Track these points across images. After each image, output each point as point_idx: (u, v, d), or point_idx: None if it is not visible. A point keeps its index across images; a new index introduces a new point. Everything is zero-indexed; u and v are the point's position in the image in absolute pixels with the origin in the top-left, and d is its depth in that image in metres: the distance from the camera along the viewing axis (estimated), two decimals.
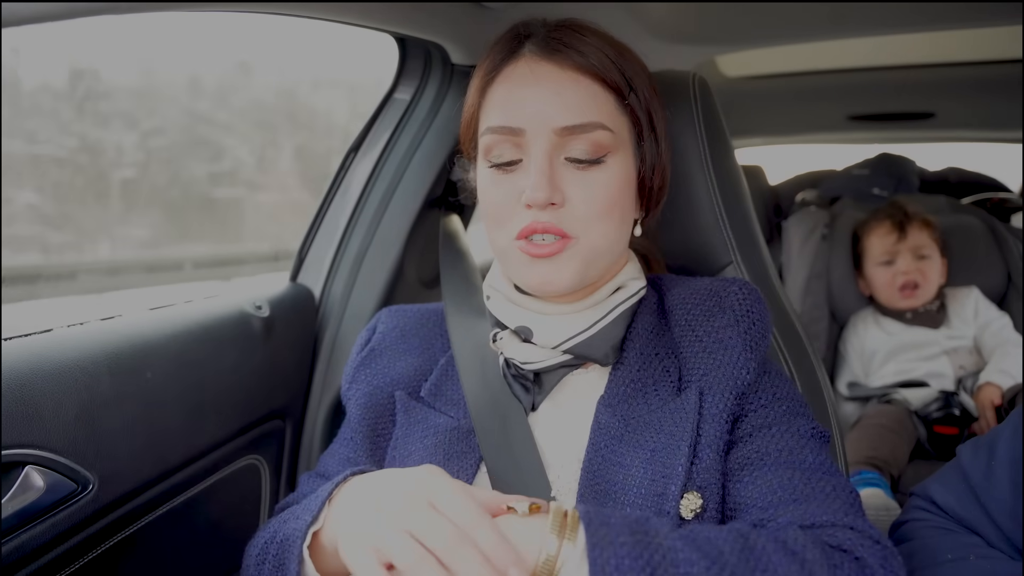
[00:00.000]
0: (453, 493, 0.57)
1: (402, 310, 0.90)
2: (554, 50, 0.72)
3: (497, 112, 0.73)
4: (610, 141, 0.71)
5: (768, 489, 0.65)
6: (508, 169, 0.72)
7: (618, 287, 0.78)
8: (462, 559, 0.52)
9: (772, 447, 0.68)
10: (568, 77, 0.71)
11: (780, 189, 2.40)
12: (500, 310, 0.78)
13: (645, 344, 0.76)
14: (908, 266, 1.88)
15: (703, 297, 0.77)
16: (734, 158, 1.00)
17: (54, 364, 0.78)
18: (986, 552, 0.69)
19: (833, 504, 0.63)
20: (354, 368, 0.85)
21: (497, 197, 0.72)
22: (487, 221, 0.75)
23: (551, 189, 0.68)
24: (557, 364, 0.75)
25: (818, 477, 0.66)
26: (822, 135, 2.64)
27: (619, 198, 0.72)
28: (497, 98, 0.74)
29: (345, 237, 1.24)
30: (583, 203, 0.70)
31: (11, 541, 0.72)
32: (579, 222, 0.70)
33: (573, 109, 0.70)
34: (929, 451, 1.70)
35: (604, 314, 0.75)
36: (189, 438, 0.95)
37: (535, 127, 0.70)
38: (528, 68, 0.72)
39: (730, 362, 0.72)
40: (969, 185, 2.32)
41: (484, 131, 0.73)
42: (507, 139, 0.71)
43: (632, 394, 0.73)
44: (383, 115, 1.26)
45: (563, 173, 0.71)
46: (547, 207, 0.69)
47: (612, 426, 0.71)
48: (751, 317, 0.74)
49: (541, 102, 0.70)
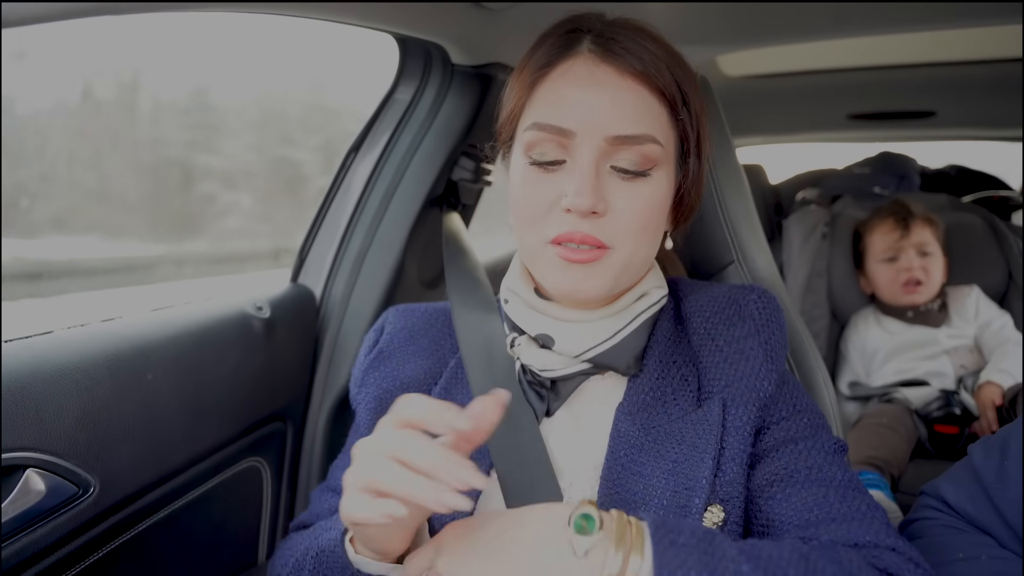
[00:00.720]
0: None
1: (409, 309, 0.88)
2: (615, 53, 0.69)
3: (547, 109, 0.69)
4: (658, 155, 0.68)
5: (804, 507, 0.65)
6: (550, 169, 0.69)
7: (641, 295, 0.76)
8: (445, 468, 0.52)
9: (802, 464, 0.68)
10: (626, 85, 0.68)
11: (781, 188, 2.39)
12: (519, 315, 0.76)
13: (664, 352, 0.75)
14: (911, 262, 1.87)
15: (722, 305, 0.76)
16: (735, 157, 1.00)
17: (55, 366, 0.78)
18: (998, 552, 0.69)
19: (873, 525, 0.63)
20: (363, 371, 0.83)
21: (535, 196, 0.69)
22: (518, 219, 0.72)
23: (595, 198, 0.66)
24: (576, 372, 0.74)
25: (852, 495, 0.65)
26: (823, 134, 2.64)
27: (659, 212, 0.71)
28: (548, 95, 0.70)
29: (346, 237, 1.24)
30: (625, 215, 0.68)
31: (12, 544, 0.71)
32: (617, 234, 0.68)
33: (628, 118, 0.67)
34: (930, 450, 1.70)
35: (627, 323, 0.74)
36: (190, 440, 0.94)
37: (586, 131, 0.67)
38: (587, 68, 0.69)
39: (751, 373, 0.71)
40: (970, 183, 2.32)
41: (530, 126, 0.70)
42: (554, 139, 0.68)
43: (652, 403, 0.72)
44: (383, 115, 1.25)
45: (607, 182, 0.68)
46: (588, 216, 0.67)
47: (632, 435, 0.70)
48: (771, 327, 0.74)
49: (596, 106, 0.67)
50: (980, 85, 2.15)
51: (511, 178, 0.74)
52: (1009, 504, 0.69)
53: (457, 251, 1.03)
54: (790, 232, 2.12)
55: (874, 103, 2.33)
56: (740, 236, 0.96)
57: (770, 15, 1.39)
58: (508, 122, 0.75)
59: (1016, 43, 1.85)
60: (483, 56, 1.21)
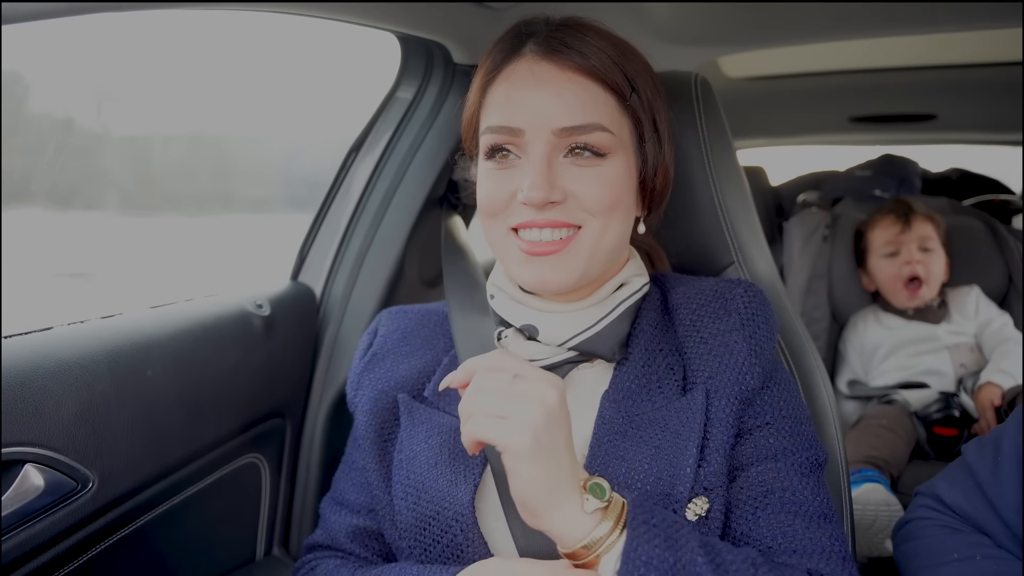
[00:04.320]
0: None
1: (402, 311, 0.90)
2: (555, 50, 0.72)
3: (497, 112, 0.73)
4: (609, 142, 0.71)
5: (770, 533, 0.68)
6: (507, 165, 0.73)
7: (621, 284, 0.78)
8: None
9: (777, 485, 0.70)
10: (568, 78, 0.71)
11: (782, 190, 2.40)
12: (504, 309, 0.78)
13: (649, 341, 0.77)
14: (912, 256, 1.87)
15: (708, 298, 0.77)
16: (736, 159, 1.00)
17: (54, 362, 0.78)
18: (993, 552, 0.69)
19: (831, 560, 0.67)
20: (358, 374, 0.85)
21: (492, 191, 0.73)
22: (482, 215, 0.76)
23: (549, 188, 0.69)
24: (562, 361, 0.76)
25: (818, 526, 0.68)
26: (824, 136, 2.64)
27: (621, 195, 0.73)
28: (497, 98, 0.74)
29: (346, 236, 1.24)
30: (586, 197, 0.70)
31: (11, 539, 0.72)
32: (583, 215, 0.71)
33: (573, 110, 0.70)
34: (928, 452, 1.70)
35: (609, 311, 0.76)
36: (189, 436, 0.95)
37: (534, 127, 0.70)
38: (528, 68, 0.72)
39: (735, 366, 0.72)
40: (971, 186, 2.32)
41: (484, 130, 0.74)
42: (506, 138, 0.72)
43: (637, 391, 0.73)
44: (385, 114, 1.25)
45: (563, 170, 0.71)
46: (546, 206, 0.69)
47: (616, 421, 0.72)
48: (756, 321, 0.74)
49: (540, 102, 0.70)
50: (981, 88, 2.15)
51: (478, 181, 0.77)
52: (1003, 499, 0.70)
53: (456, 251, 1.04)
54: (791, 234, 2.12)
55: (875, 106, 2.33)
56: (740, 237, 0.96)
57: (772, 17, 1.39)
58: (468, 127, 0.79)
59: (1017, 46, 1.85)
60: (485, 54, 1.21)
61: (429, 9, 1.05)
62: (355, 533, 0.81)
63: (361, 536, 0.81)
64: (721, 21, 1.43)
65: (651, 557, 0.58)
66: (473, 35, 1.16)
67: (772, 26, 1.44)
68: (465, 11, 1.11)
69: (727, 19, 1.41)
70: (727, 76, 2.23)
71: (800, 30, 1.45)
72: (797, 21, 1.40)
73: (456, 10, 1.09)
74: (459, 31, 1.14)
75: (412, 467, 0.75)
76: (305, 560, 0.83)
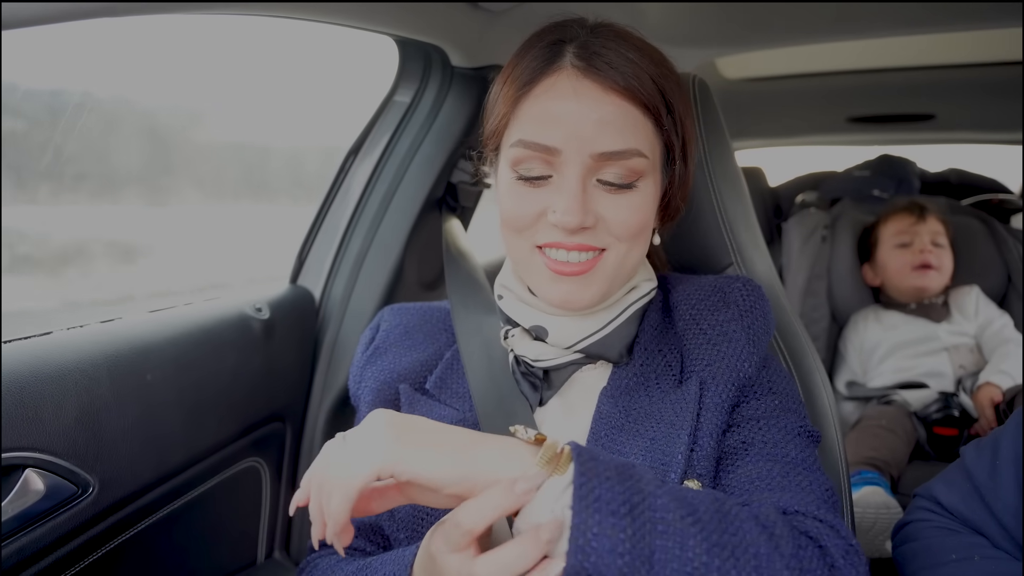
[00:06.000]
0: None
1: (404, 308, 0.90)
2: (597, 68, 0.68)
3: (532, 127, 0.69)
4: (644, 167, 0.70)
5: (747, 479, 0.67)
6: (537, 184, 0.70)
7: (631, 287, 0.78)
8: None
9: (758, 438, 0.70)
10: (610, 100, 0.68)
11: (780, 191, 2.40)
12: (513, 309, 0.78)
13: (651, 341, 0.77)
14: (925, 245, 1.90)
15: (707, 293, 0.78)
16: (734, 160, 1.00)
17: (54, 367, 0.78)
18: (991, 552, 0.69)
19: (807, 496, 0.64)
20: (360, 368, 0.85)
21: (521, 209, 0.70)
22: (506, 229, 0.74)
23: (583, 214, 0.67)
24: (568, 362, 0.76)
25: (798, 471, 0.67)
26: (822, 137, 2.64)
27: (648, 219, 0.73)
28: (533, 111, 0.70)
29: (345, 239, 1.24)
30: (614, 224, 0.70)
31: (11, 544, 0.72)
32: (611, 238, 0.70)
33: (613, 135, 0.67)
34: (929, 452, 1.70)
35: (617, 314, 0.76)
36: (189, 441, 0.95)
37: (572, 148, 0.67)
38: (570, 84, 0.68)
39: (733, 354, 0.72)
40: (969, 186, 2.32)
41: (515, 142, 0.70)
42: (539, 156, 0.69)
43: (635, 387, 0.74)
44: (383, 117, 1.25)
45: (594, 195, 0.69)
46: (577, 232, 0.68)
47: (613, 416, 0.72)
48: (754, 312, 0.75)
49: (580, 123, 0.67)
50: (980, 88, 2.15)
51: (498, 188, 0.76)
52: (1001, 502, 0.70)
53: (456, 253, 1.04)
54: (790, 235, 2.12)
55: (873, 106, 2.33)
56: (738, 238, 0.96)
57: (769, 17, 1.39)
58: (494, 136, 0.76)
59: (1016, 46, 1.86)
60: (483, 58, 1.21)
61: (426, 12, 1.05)
62: (359, 528, 0.81)
63: (365, 531, 0.81)
64: (718, 22, 1.43)
65: (603, 490, 0.53)
66: (471, 38, 1.16)
67: (770, 27, 1.44)
68: (463, 14, 1.11)
69: (724, 20, 1.42)
70: (725, 77, 2.24)
71: (798, 31, 1.45)
72: (795, 22, 1.41)
73: (453, 12, 1.09)
74: (457, 34, 1.14)
75: None
76: (309, 560, 0.83)
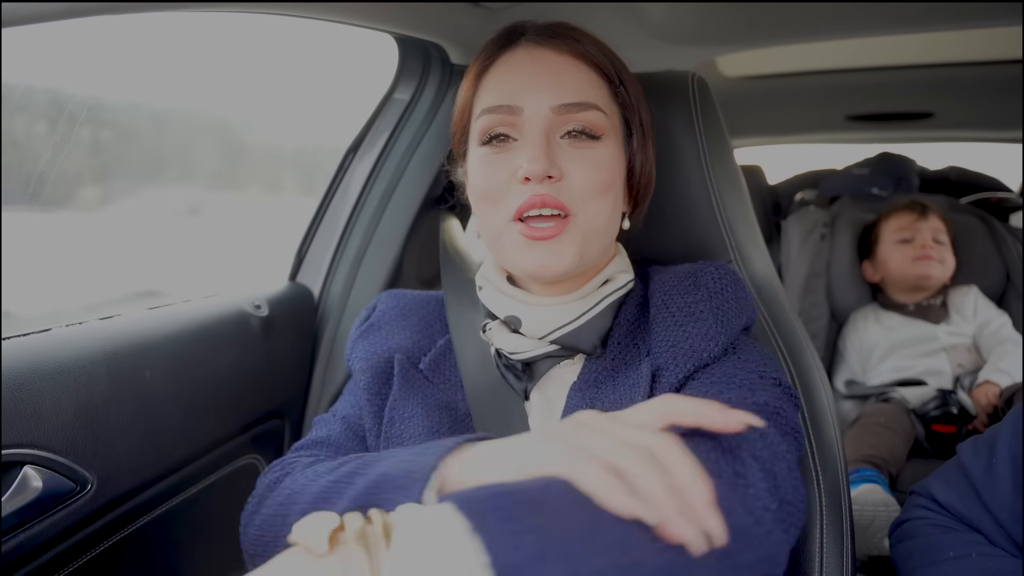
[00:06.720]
0: None
1: (401, 293, 0.91)
2: (551, 36, 0.75)
3: (493, 93, 0.74)
4: (604, 123, 0.73)
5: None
6: (504, 148, 0.73)
7: (607, 279, 0.78)
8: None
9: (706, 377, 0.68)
10: (565, 61, 0.73)
11: (779, 188, 2.40)
12: (491, 300, 0.79)
13: (625, 334, 0.77)
14: (926, 241, 1.90)
15: (680, 278, 0.77)
16: (733, 158, 1.00)
17: (53, 363, 0.78)
18: (988, 550, 0.69)
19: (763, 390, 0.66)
20: (353, 341, 0.86)
21: (491, 176, 0.72)
22: (480, 204, 0.75)
23: (548, 162, 0.69)
24: (544, 354, 0.76)
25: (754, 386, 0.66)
26: (821, 135, 2.64)
27: (612, 179, 0.73)
28: (493, 82, 0.75)
29: (344, 236, 1.24)
30: (581, 179, 0.71)
31: (10, 540, 0.72)
32: (577, 198, 0.71)
33: (571, 89, 0.72)
34: (927, 450, 1.70)
35: (591, 306, 0.76)
36: (188, 437, 0.95)
37: (532, 104, 0.71)
38: (527, 53, 0.74)
39: (698, 333, 0.70)
40: (969, 184, 2.33)
41: (480, 113, 0.74)
42: (504, 118, 0.72)
43: (603, 379, 0.74)
44: (382, 115, 1.26)
45: (560, 150, 0.71)
46: (544, 180, 0.69)
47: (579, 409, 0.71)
48: (725, 294, 0.74)
49: (539, 81, 0.72)
50: (979, 86, 2.15)
51: (470, 170, 0.77)
52: (998, 501, 0.70)
53: (454, 251, 1.04)
54: (789, 233, 2.12)
55: (873, 104, 2.33)
56: (737, 236, 0.96)
57: (769, 16, 1.39)
58: (460, 119, 0.79)
59: (1016, 44, 1.86)
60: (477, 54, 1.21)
61: (426, 10, 1.05)
62: (349, 426, 0.80)
63: (355, 428, 0.80)
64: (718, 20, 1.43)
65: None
66: (470, 35, 1.16)
67: (769, 25, 1.44)
68: (462, 12, 1.11)
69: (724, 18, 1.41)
70: (724, 75, 2.23)
71: (797, 29, 1.45)
72: (794, 20, 1.41)
73: (453, 11, 1.09)
74: (456, 32, 1.14)
75: (406, 427, 0.75)
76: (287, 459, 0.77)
